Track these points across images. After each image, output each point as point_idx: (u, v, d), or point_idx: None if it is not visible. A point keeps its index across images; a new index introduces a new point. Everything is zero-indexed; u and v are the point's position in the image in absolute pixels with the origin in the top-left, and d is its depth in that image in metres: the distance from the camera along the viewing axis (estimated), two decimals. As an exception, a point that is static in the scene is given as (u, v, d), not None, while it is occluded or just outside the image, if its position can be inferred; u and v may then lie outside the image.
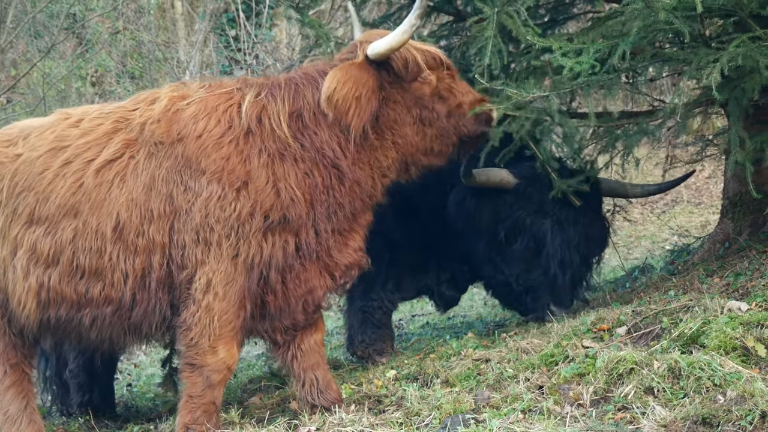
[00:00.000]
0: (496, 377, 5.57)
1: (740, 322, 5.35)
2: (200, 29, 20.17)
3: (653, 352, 5.30)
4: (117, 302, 5.45)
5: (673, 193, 17.56)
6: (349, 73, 5.33)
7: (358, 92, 5.30)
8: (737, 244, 7.25)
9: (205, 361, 5.39)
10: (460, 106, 5.70)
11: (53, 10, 19.44)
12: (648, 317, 5.92)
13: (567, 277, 7.03)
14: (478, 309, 10.97)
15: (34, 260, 5.53)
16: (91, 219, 5.42)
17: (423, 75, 5.54)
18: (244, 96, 5.47)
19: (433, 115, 5.60)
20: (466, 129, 5.73)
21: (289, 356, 5.78)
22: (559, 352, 5.63)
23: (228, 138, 5.35)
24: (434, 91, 5.60)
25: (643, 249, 13.45)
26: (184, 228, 5.31)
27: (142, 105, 5.66)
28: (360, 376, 6.41)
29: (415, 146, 5.63)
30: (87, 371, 7.33)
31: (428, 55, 5.59)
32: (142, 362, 10.58)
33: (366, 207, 5.64)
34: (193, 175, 5.31)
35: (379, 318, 7.57)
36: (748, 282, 6.28)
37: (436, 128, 5.63)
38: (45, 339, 5.93)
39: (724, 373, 4.87)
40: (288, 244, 5.34)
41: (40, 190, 5.56)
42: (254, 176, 5.28)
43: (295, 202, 5.30)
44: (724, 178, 7.87)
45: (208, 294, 5.28)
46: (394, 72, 5.51)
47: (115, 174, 5.45)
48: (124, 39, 22.79)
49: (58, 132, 5.72)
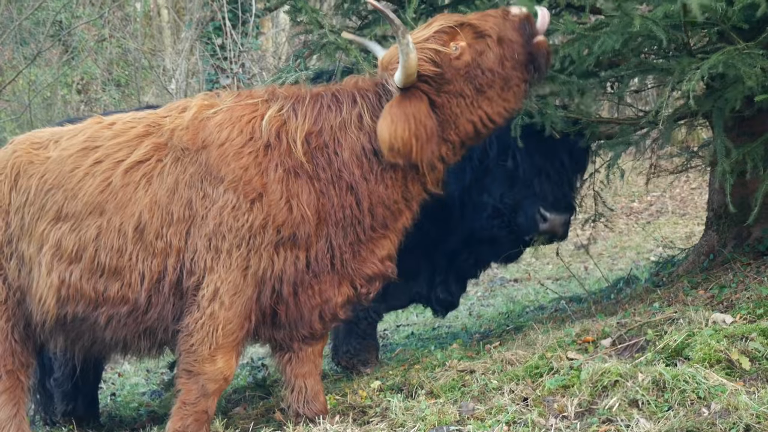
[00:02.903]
0: (481, 389, 5.57)
1: (725, 334, 5.35)
2: (186, 37, 20.16)
3: (638, 364, 5.30)
4: (132, 303, 5.44)
5: (658, 204, 17.63)
6: (397, 114, 5.16)
7: (414, 129, 5.14)
8: (722, 257, 7.26)
9: (203, 369, 5.37)
10: (502, 39, 5.33)
11: (39, 18, 19.44)
12: (633, 329, 5.92)
13: (548, 184, 7.05)
14: (463, 320, 10.98)
15: (58, 256, 5.54)
16: (116, 218, 5.44)
17: (451, 53, 5.26)
18: (268, 108, 5.44)
19: (489, 74, 5.31)
20: (522, 52, 5.35)
21: (285, 359, 5.75)
22: (543, 363, 5.63)
23: (249, 149, 5.32)
24: (472, 54, 5.29)
25: (628, 260, 13.48)
26: (198, 234, 5.31)
27: (174, 112, 5.67)
28: (345, 387, 6.40)
29: (484, 117, 5.37)
30: (72, 380, 7.30)
31: (439, 32, 5.30)
32: (126, 371, 10.55)
33: (400, 211, 5.51)
34: (212, 182, 5.31)
35: (363, 329, 7.56)
36: (732, 294, 6.29)
37: (498, 83, 5.32)
38: (57, 339, 5.86)
39: (708, 385, 4.88)
40: (299, 259, 5.31)
41: (69, 187, 5.59)
42: (270, 190, 5.25)
43: (305, 221, 5.26)
44: (709, 190, 7.89)
45: (214, 302, 5.26)
46: (430, 77, 5.26)
47: (142, 175, 5.46)
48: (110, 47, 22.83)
49: (91, 133, 5.75)
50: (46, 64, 20.63)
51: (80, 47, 21.58)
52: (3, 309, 5.80)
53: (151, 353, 5.80)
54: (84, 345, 5.86)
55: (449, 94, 5.30)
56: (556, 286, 12.14)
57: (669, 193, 17.73)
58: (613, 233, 15.68)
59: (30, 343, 5.92)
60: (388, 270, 5.61)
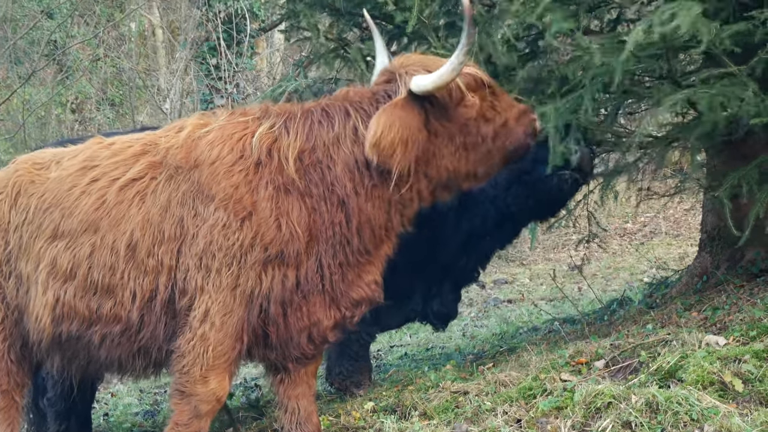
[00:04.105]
0: (474, 410, 5.57)
1: (718, 356, 5.36)
2: (181, 57, 20.22)
3: (631, 386, 5.31)
4: (125, 322, 5.42)
5: (652, 225, 17.65)
6: (394, 115, 5.13)
7: (404, 135, 5.12)
8: (715, 278, 7.28)
9: (195, 390, 5.35)
10: (506, 125, 5.45)
11: (34, 37, 19.48)
12: (626, 351, 5.93)
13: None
14: (456, 341, 10.97)
15: (53, 274, 5.53)
16: (109, 235, 5.43)
17: (466, 99, 5.32)
18: (260, 126, 5.43)
19: (478, 139, 5.38)
20: (512, 146, 5.49)
21: (278, 380, 5.74)
22: (537, 385, 5.63)
23: (239, 167, 5.30)
24: (479, 114, 5.37)
25: (622, 281, 13.48)
26: (189, 253, 5.29)
27: (170, 132, 5.68)
28: (338, 408, 6.39)
29: (455, 173, 5.43)
30: (65, 400, 7.26)
31: (469, 78, 5.33)
32: (119, 391, 10.52)
33: (381, 240, 5.50)
34: (203, 200, 5.29)
35: (356, 350, 7.54)
36: (725, 316, 6.31)
37: (479, 152, 5.41)
38: (54, 358, 5.84)
39: (701, 407, 4.89)
40: (287, 278, 5.27)
41: (66, 206, 5.59)
42: (260, 207, 5.22)
43: (294, 238, 5.23)
44: (703, 212, 7.92)
45: (205, 323, 5.24)
46: (438, 103, 5.28)
47: (135, 192, 5.46)
48: (105, 66, 22.83)
49: (90, 153, 5.76)
50: (40, 84, 20.66)
51: (75, 67, 21.61)
52: (0, 329, 5.80)
53: (147, 373, 5.77)
54: (80, 364, 5.83)
55: (443, 129, 5.31)
56: (549, 307, 12.14)
57: (663, 214, 17.73)
58: (607, 254, 15.70)
59: (26, 363, 5.90)
60: (375, 294, 5.58)
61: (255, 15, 18.97)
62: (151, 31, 25.21)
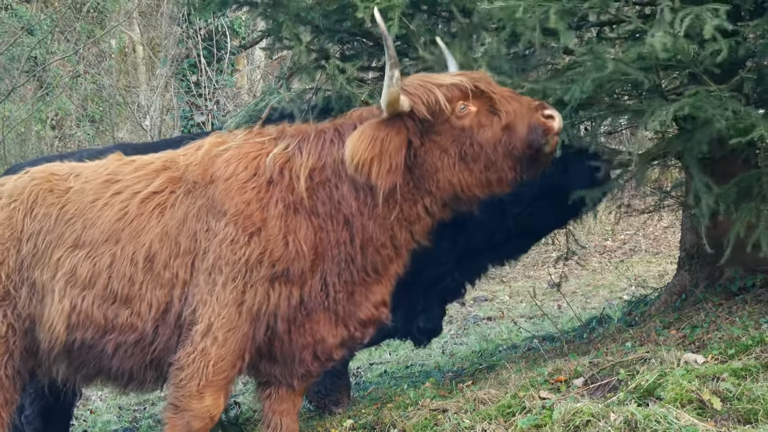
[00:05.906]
0: (453, 428, 5.56)
1: (696, 374, 5.37)
2: (161, 74, 20.23)
3: (610, 404, 5.30)
4: (140, 332, 5.41)
5: (632, 243, 17.69)
6: (365, 132, 5.15)
7: (377, 151, 5.10)
8: (694, 296, 7.29)
9: (190, 405, 5.32)
10: (509, 127, 5.25)
11: (14, 53, 19.42)
12: (605, 369, 5.93)
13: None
14: (436, 358, 10.95)
15: (72, 282, 5.52)
16: (129, 246, 5.45)
17: (459, 108, 5.22)
18: (275, 146, 5.47)
19: (477, 148, 5.23)
20: (519, 150, 5.25)
21: (265, 394, 5.74)
22: (516, 403, 5.63)
23: (252, 184, 5.34)
24: (474, 122, 5.23)
25: (601, 298, 13.49)
26: (200, 267, 5.31)
27: (190, 150, 5.73)
28: (317, 425, 6.38)
29: (463, 184, 5.30)
30: (43, 417, 7.24)
31: (454, 89, 5.22)
32: (98, 408, 10.47)
33: (390, 258, 5.48)
34: (216, 215, 5.32)
35: (336, 368, 7.51)
36: (704, 334, 6.32)
37: (483, 160, 5.25)
38: (60, 367, 5.78)
39: (680, 426, 4.88)
40: (292, 295, 5.28)
41: (89, 217, 5.61)
42: (269, 224, 5.25)
43: (300, 256, 5.25)
44: (682, 230, 7.93)
45: (207, 338, 5.22)
46: (420, 119, 5.22)
47: (156, 205, 5.50)
48: (85, 83, 22.80)
49: (113, 168, 5.80)
50: (20, 100, 20.60)
51: (55, 83, 21.58)
52: (2, 342, 5.75)
53: (156, 385, 5.74)
54: (88, 373, 5.79)
55: (434, 144, 5.26)
56: (529, 324, 12.14)
57: (642, 232, 17.78)
58: (586, 271, 15.71)
59: (19, 379, 5.86)
60: (383, 316, 5.59)
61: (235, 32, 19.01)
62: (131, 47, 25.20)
